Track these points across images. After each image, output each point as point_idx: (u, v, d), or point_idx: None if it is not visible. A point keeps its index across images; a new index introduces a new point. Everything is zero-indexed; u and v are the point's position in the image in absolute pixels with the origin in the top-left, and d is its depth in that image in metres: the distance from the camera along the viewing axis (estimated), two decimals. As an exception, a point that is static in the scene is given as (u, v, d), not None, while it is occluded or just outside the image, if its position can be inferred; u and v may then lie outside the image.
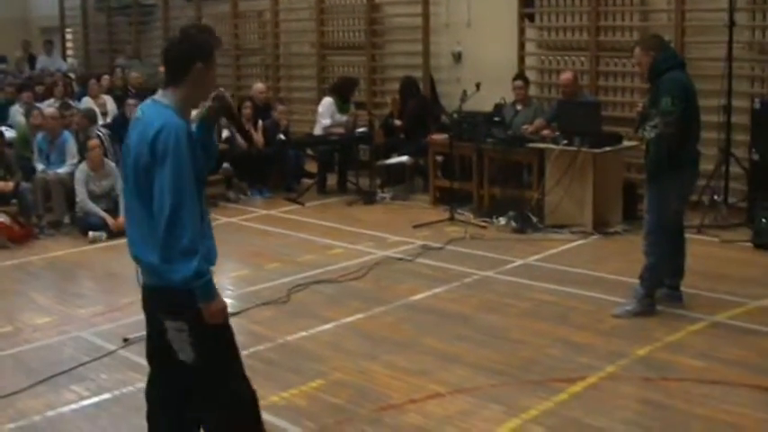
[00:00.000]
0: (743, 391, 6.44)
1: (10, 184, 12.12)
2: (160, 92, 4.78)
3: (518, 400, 6.35)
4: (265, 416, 6.06)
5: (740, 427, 5.87)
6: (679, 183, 7.99)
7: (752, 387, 6.50)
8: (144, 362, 6.95)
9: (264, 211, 13.18)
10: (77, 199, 11.96)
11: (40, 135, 13.00)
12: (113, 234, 11.41)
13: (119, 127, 13.49)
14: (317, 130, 14.59)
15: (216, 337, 4.76)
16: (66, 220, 12.33)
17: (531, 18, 14.29)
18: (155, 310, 4.86)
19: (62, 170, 12.50)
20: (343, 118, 14.46)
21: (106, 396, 6.69)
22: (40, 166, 12.69)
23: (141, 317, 7.66)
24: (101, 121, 14.66)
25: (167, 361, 4.89)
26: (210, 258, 4.80)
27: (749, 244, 10.51)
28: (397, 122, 14.62)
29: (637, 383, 6.63)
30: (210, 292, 4.57)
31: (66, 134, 12.93)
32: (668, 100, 7.75)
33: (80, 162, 12.30)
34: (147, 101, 4.82)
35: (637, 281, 8.18)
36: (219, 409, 4.86)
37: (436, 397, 6.46)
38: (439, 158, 13.12)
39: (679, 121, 7.77)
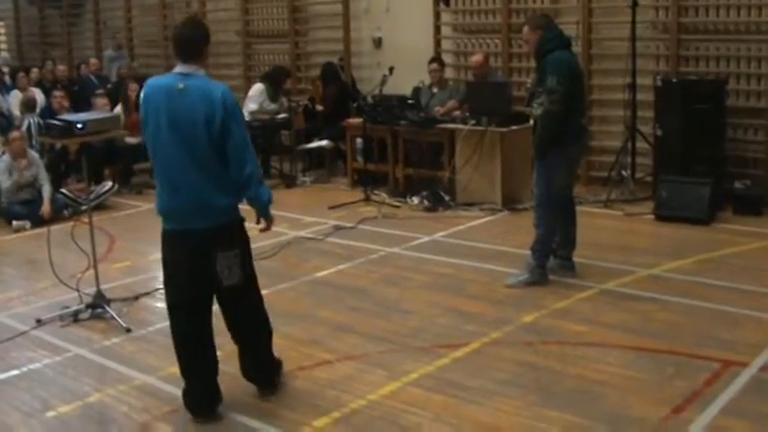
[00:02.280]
0: (617, 352, 6.82)
1: None
2: (184, 66, 5.73)
3: (401, 365, 6.68)
4: (161, 385, 6.53)
5: (609, 384, 6.23)
6: (565, 157, 8.34)
7: (626, 348, 6.88)
8: (54, 340, 7.40)
9: (188, 197, 13.39)
10: (1, 188, 12.12)
11: None
12: (38, 223, 11.61)
13: (46, 118, 13.65)
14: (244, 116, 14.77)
15: (252, 259, 6.08)
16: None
17: (447, 2, 14.60)
18: (207, 247, 5.74)
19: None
20: (272, 106, 14.68)
21: (14, 372, 6.96)
22: None
23: (56, 299, 8.01)
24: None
25: (208, 294, 5.98)
26: None
27: (652, 216, 10.89)
28: (319, 107, 14.89)
29: (517, 347, 6.98)
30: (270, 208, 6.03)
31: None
32: (554, 79, 8.08)
33: (3, 153, 12.48)
34: (178, 75, 5.73)
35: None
36: (262, 329, 6.27)
37: (324, 364, 6.79)
38: (359, 142, 13.41)
39: (564, 98, 8.08)
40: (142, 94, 5.86)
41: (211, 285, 5.87)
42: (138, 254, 10.43)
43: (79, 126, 8.00)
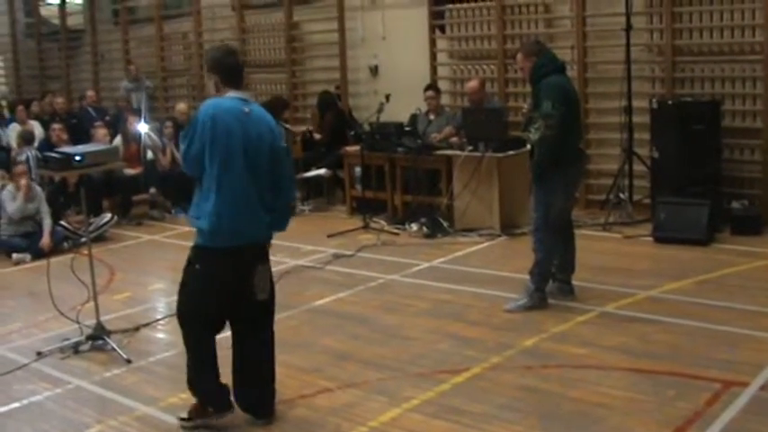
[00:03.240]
0: (617, 374, 6.82)
1: None
2: (239, 93, 6.10)
3: (402, 391, 6.69)
4: (161, 416, 6.54)
5: (609, 407, 6.23)
6: (563, 181, 8.37)
7: (626, 370, 6.89)
8: (55, 373, 7.42)
9: (187, 228, 13.32)
10: (1, 221, 12.16)
11: None
12: (38, 255, 11.64)
13: (44, 151, 13.70)
14: (240, 146, 14.83)
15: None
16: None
17: (443, 29, 14.69)
18: (252, 262, 6.19)
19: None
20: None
21: (15, 405, 6.95)
22: None
23: (57, 332, 8.03)
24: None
25: (239, 310, 6.30)
26: None
27: (650, 238, 10.91)
28: (317, 136, 14.94)
29: (517, 372, 6.98)
30: None
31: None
32: (549, 104, 8.13)
33: (3, 186, 12.52)
34: (239, 100, 6.06)
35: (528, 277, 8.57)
36: (274, 357, 6.47)
37: (325, 392, 6.79)
38: (358, 170, 13.44)
39: (560, 123, 8.12)
40: (205, 114, 5.95)
41: (246, 300, 6.22)
42: (137, 285, 10.46)
43: (78, 158, 8.03)
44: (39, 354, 8.01)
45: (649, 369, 6.88)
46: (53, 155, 8.41)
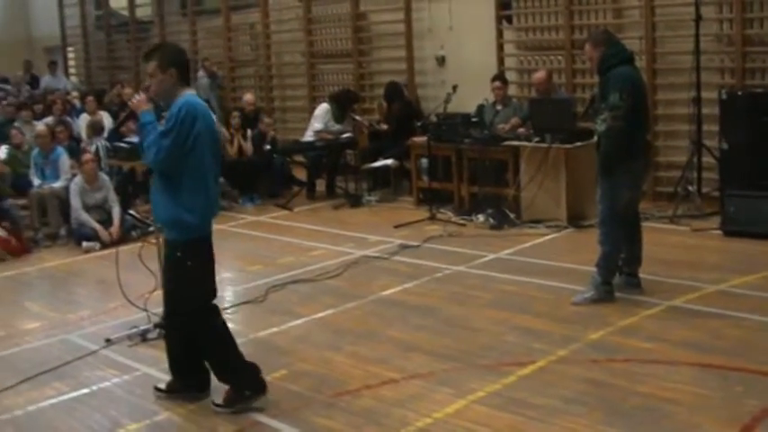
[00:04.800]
0: (685, 369, 6.75)
1: None
2: (191, 89, 6.45)
3: (468, 383, 6.68)
4: (227, 404, 6.52)
5: (677, 402, 6.16)
6: (630, 173, 8.29)
7: (694, 365, 6.80)
8: (123, 360, 7.58)
9: (253, 218, 13.55)
10: (72, 210, 12.33)
11: (35, 151, 13.44)
12: (106, 244, 11.80)
13: (113, 141, 13.89)
14: (307, 135, 14.95)
15: None
16: (63, 232, 12.71)
17: (509, 20, 14.63)
18: None
19: (57, 184, 12.93)
20: (337, 127, 14.80)
21: (84, 391, 7.07)
22: (36, 181, 13.14)
23: (125, 319, 8.16)
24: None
25: None
26: None
27: (719, 232, 10.78)
28: (383, 126, 14.97)
29: (584, 365, 6.95)
30: None
31: (60, 150, 13.35)
32: (616, 95, 8.05)
33: (74, 176, 12.71)
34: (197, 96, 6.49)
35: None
36: None
37: (391, 383, 6.81)
38: (424, 161, 13.44)
39: (628, 114, 8.05)
40: (189, 110, 6.17)
41: None
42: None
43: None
44: (108, 341, 8.13)
45: (717, 364, 6.79)
46: (122, 145, 8.51)
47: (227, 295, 9.53)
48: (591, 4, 13.56)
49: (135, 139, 9.48)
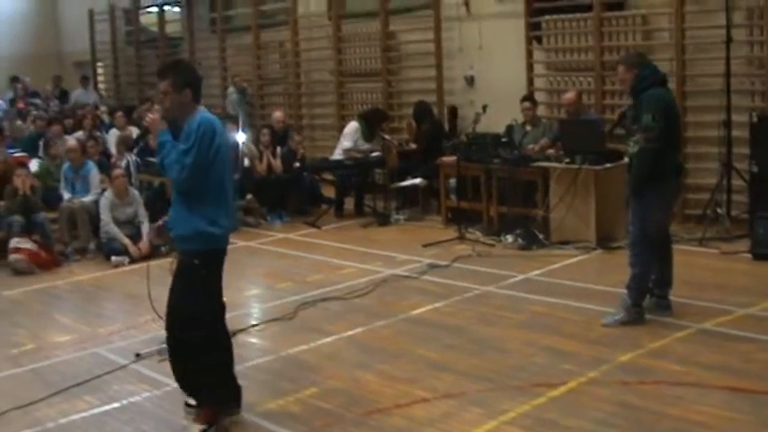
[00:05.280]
0: (716, 393, 6.72)
1: None
2: (203, 107, 6.42)
3: (499, 403, 6.68)
4: (259, 421, 6.60)
5: (708, 426, 6.15)
6: (662, 195, 8.30)
7: (726, 389, 6.78)
8: (153, 374, 7.62)
9: (282, 235, 13.58)
10: (102, 224, 12.40)
11: (66, 165, 13.53)
12: (135, 259, 11.86)
13: (143, 156, 13.98)
14: (336, 153, 15.00)
15: None
16: (92, 246, 12.76)
17: (539, 40, 14.64)
18: None
19: (87, 198, 13.02)
20: (366, 145, 14.84)
21: (115, 405, 7.12)
22: (66, 195, 13.23)
23: (155, 334, 8.19)
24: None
25: None
26: None
27: (749, 255, 10.75)
28: (412, 146, 15.00)
29: (614, 387, 6.93)
30: None
31: (90, 164, 13.44)
32: (649, 116, 8.06)
33: (104, 190, 12.79)
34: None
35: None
36: None
37: (422, 402, 6.81)
38: (452, 180, 13.46)
39: (660, 136, 8.06)
40: (209, 126, 6.24)
41: None
42: (232, 290, 10.49)
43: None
44: (137, 355, 8.17)
45: (748, 388, 6.77)
46: (153, 160, 8.55)
47: (255, 312, 9.58)
48: (620, 26, 13.56)
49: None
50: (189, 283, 6.42)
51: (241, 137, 14.38)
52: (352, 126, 15.03)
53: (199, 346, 6.43)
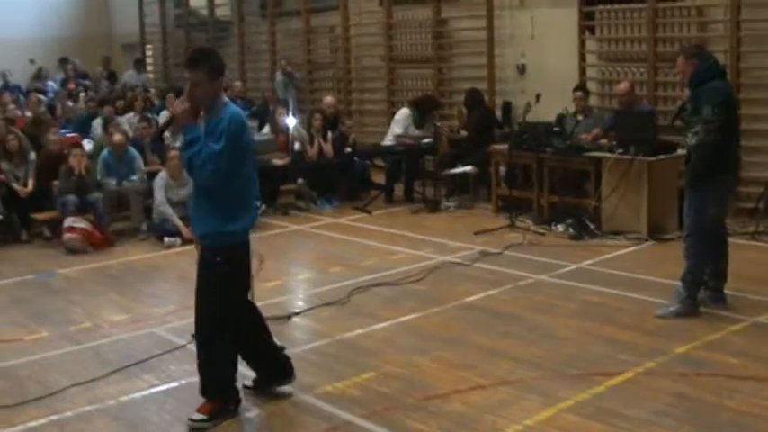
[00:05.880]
0: (773, 386, 6.75)
1: (26, 189, 13.08)
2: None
3: (556, 391, 6.72)
4: (318, 403, 6.67)
5: (765, 419, 6.16)
6: (718, 188, 8.30)
7: (783, 382, 6.81)
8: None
9: (333, 220, 13.64)
10: (156, 203, 12.50)
11: (105, 151, 13.53)
12: (186, 240, 11.94)
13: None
14: (387, 139, 15.04)
15: None
16: (144, 227, 12.88)
17: (592, 30, 14.60)
18: None
19: (137, 181, 13.16)
20: (417, 132, 14.87)
21: (174, 384, 7.21)
22: (111, 182, 13.12)
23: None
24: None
25: None
26: None
27: (802, 249, 10.74)
28: (463, 133, 15.02)
29: (672, 378, 6.95)
30: None
31: (132, 151, 13.40)
32: (709, 109, 8.04)
33: (148, 174, 12.94)
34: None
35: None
36: None
37: (479, 388, 6.86)
38: (502, 168, 13.48)
39: (719, 129, 8.04)
40: (240, 122, 6.25)
41: None
42: (287, 274, 10.69)
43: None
44: (193, 336, 8.21)
45: (807, 382, 6.79)
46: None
47: (309, 296, 9.65)
48: (675, 17, 13.50)
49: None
50: (212, 280, 6.41)
51: (291, 121, 14.43)
52: (404, 112, 15.06)
53: (220, 342, 6.51)
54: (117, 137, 13.15)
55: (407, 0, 17.74)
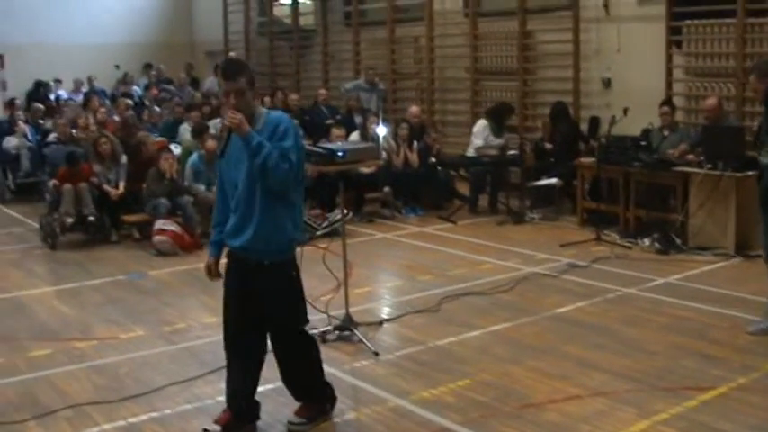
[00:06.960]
0: None
1: (117, 191, 13.42)
2: None
3: (651, 404, 6.77)
4: (414, 408, 6.77)
5: None
6: (792, 209, 8.22)
7: None
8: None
9: (418, 228, 13.77)
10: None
11: (195, 155, 13.77)
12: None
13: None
14: (470, 151, 15.14)
15: None
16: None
17: (679, 45, 14.58)
18: None
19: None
20: (497, 141, 14.96)
21: (269, 386, 7.21)
22: (201, 188, 13.33)
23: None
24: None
25: None
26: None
27: None
28: (548, 146, 15.07)
29: (766, 394, 6.96)
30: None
31: (221, 159, 13.59)
32: None
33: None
34: None
35: (771, 300, 8.50)
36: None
37: (575, 398, 6.94)
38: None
39: (794, 147, 8.00)
40: (293, 126, 6.16)
41: None
42: (375, 281, 10.83)
43: (340, 154, 8.39)
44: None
45: None
46: (316, 149, 8.77)
47: (400, 303, 9.76)
48: (764, 32, 13.42)
49: (329, 144, 9.90)
50: (291, 298, 6.38)
51: (382, 130, 14.57)
52: (481, 124, 15.15)
53: (315, 346, 6.76)
54: (210, 143, 13.32)
55: (493, 12, 17.82)
